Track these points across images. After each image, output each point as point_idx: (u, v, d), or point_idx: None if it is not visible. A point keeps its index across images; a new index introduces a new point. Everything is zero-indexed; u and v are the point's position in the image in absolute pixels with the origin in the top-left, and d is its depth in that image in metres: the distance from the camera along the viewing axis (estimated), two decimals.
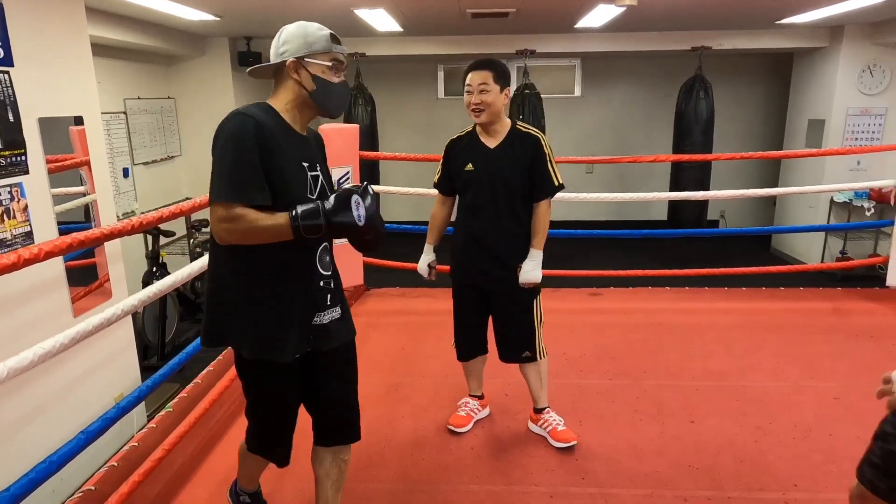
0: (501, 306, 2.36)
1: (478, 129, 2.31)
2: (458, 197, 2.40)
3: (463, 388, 2.64)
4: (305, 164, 1.52)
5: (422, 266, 2.50)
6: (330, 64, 1.51)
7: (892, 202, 3.95)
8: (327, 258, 1.60)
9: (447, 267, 2.48)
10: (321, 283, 1.57)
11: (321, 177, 1.58)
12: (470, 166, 2.27)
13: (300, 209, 1.38)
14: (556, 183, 2.27)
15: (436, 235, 2.49)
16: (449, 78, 7.59)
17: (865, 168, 6.09)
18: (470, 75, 2.22)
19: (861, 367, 3.04)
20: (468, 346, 2.51)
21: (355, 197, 1.40)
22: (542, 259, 2.30)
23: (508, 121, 2.29)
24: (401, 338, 3.52)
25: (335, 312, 1.61)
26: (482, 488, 2.17)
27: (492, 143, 2.28)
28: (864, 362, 3.10)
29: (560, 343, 3.32)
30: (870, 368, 3.02)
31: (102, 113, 2.97)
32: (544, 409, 2.48)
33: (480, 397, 2.63)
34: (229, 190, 1.39)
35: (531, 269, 2.26)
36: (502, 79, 2.21)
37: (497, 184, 2.24)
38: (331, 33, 1.54)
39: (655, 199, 4.46)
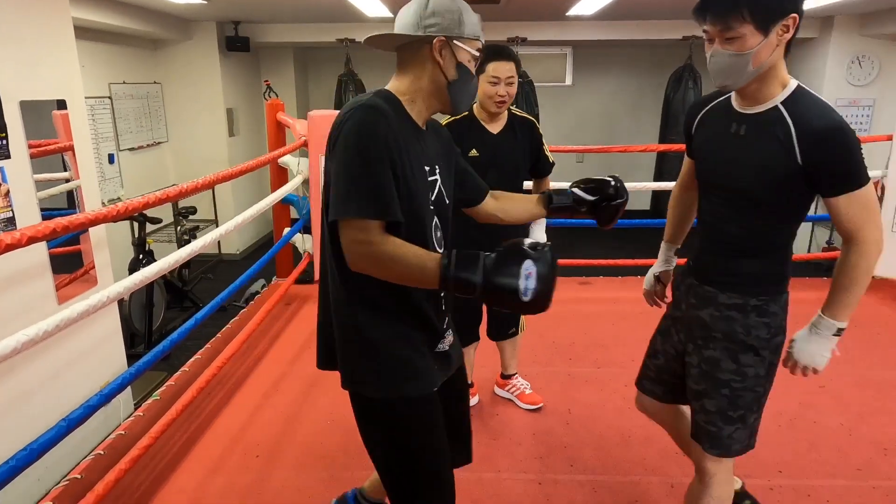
0: None
1: (479, 114, 2.28)
2: None
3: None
4: (427, 168, 1.29)
5: None
6: (477, 53, 1.28)
7: (878, 193, 3.99)
8: None
9: None
10: (443, 307, 1.37)
11: (440, 181, 1.33)
12: (475, 152, 2.25)
13: (454, 258, 1.12)
14: (551, 161, 2.41)
15: None
16: None
17: None
18: (496, 65, 2.12)
19: (846, 356, 3.05)
20: (464, 335, 2.52)
21: (527, 264, 1.11)
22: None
23: None
24: None
25: (451, 335, 1.42)
26: (472, 475, 2.17)
27: (495, 128, 2.27)
28: (848, 351, 3.13)
29: (549, 332, 3.33)
30: (854, 357, 3.06)
31: (86, 97, 2.92)
32: (513, 375, 2.61)
33: (470, 385, 2.63)
34: (368, 203, 1.12)
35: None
36: (519, 69, 2.23)
37: (504, 168, 2.26)
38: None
39: (646, 188, 4.47)
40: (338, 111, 1.25)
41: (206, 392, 2.64)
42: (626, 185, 1.65)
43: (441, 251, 1.29)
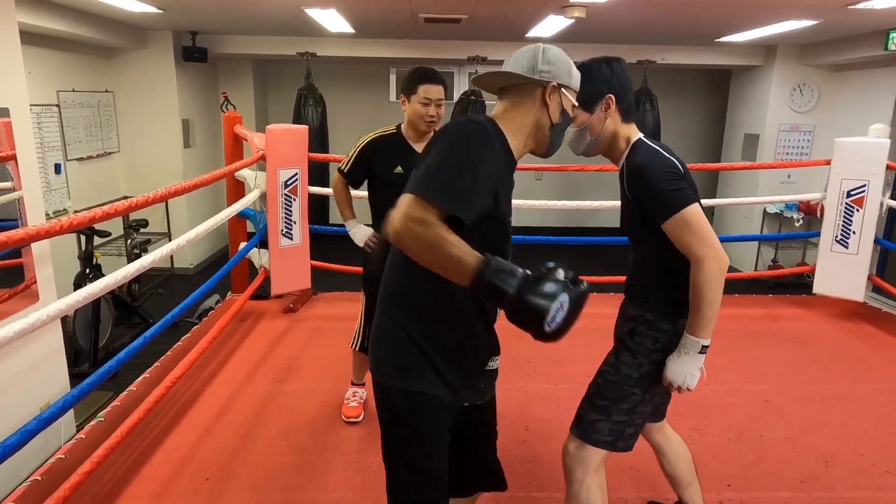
0: None
1: (406, 132, 2.37)
2: (373, 198, 2.43)
3: None
4: (511, 199, 1.40)
5: (362, 238, 2.47)
6: (576, 104, 1.43)
7: (818, 214, 4.18)
8: None
9: (360, 269, 2.58)
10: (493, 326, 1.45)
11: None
12: (399, 169, 2.32)
13: (495, 263, 1.13)
14: None
15: (352, 208, 2.54)
16: (401, 81, 7.57)
17: (795, 181, 6.44)
18: (428, 87, 2.25)
19: (790, 371, 3.20)
20: None
21: (563, 297, 1.13)
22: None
23: None
24: (349, 343, 3.46)
25: (497, 362, 1.50)
26: None
27: (420, 147, 2.35)
28: (792, 366, 3.27)
29: (507, 348, 3.32)
30: (797, 372, 3.19)
31: (32, 105, 2.81)
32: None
33: (363, 385, 2.74)
34: (436, 190, 1.16)
35: None
36: (447, 92, 2.35)
37: None
38: None
39: (601, 207, 4.57)
40: (297, 126, 1.27)
41: (153, 412, 2.55)
42: (585, 202, 1.76)
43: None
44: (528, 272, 1.15)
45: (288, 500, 2.11)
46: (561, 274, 1.16)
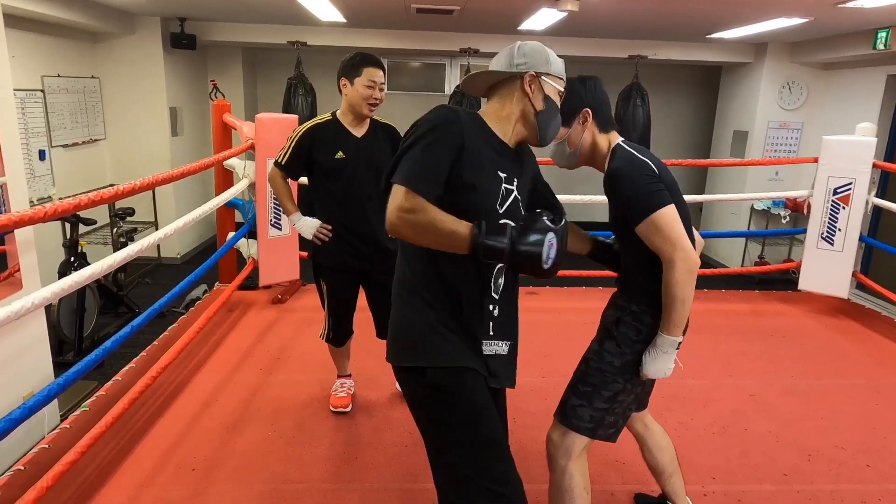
0: (382, 287, 2.39)
1: (343, 118, 2.38)
2: (315, 186, 2.43)
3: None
4: (503, 175, 1.43)
5: (310, 230, 2.44)
6: (561, 89, 1.49)
7: (804, 211, 4.22)
8: (501, 280, 1.48)
9: (305, 253, 2.54)
10: (489, 307, 1.47)
11: (516, 192, 1.47)
12: (341, 154, 2.34)
13: (484, 227, 1.28)
14: None
15: (293, 201, 2.52)
16: (392, 72, 7.53)
17: (783, 178, 6.50)
18: (372, 71, 2.27)
19: (774, 366, 3.24)
20: (346, 332, 2.63)
21: (550, 236, 1.30)
22: None
23: None
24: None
25: (500, 347, 1.51)
26: (415, 486, 2.16)
27: (359, 132, 2.38)
28: (777, 361, 3.30)
29: None
30: (782, 367, 3.22)
31: (16, 90, 2.75)
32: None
33: (349, 376, 2.74)
34: (417, 177, 1.29)
35: None
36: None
37: (370, 170, 2.35)
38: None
39: (591, 202, 4.59)
40: (287, 115, 1.33)
41: (139, 402, 2.53)
42: (584, 197, 1.77)
43: None
44: (515, 225, 1.32)
45: (275, 490, 2.10)
46: (544, 217, 1.34)
